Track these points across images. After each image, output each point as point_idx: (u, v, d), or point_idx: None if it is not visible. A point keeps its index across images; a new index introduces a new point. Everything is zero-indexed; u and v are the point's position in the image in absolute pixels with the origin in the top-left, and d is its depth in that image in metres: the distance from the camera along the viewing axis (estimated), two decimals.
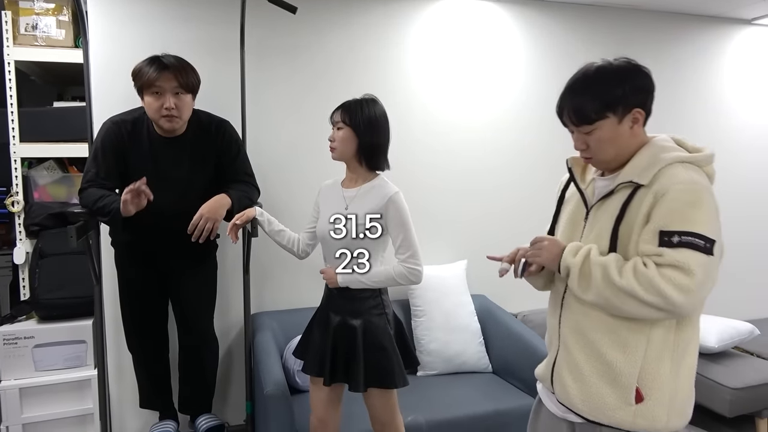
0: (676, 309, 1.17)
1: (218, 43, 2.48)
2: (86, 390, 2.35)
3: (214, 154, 2.15)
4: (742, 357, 2.76)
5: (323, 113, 2.63)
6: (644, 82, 1.28)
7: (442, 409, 2.23)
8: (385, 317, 1.83)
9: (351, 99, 1.83)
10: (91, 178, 2.03)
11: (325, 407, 1.88)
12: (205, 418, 2.36)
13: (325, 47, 2.66)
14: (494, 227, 2.95)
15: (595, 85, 1.26)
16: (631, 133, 1.27)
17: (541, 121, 2.95)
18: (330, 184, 1.96)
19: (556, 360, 1.40)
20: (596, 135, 1.28)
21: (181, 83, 1.99)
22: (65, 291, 2.35)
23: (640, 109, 1.26)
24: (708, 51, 3.32)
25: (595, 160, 1.33)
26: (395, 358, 1.80)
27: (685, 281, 1.15)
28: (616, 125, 1.26)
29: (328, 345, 1.82)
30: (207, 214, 1.99)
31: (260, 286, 2.66)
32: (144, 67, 1.96)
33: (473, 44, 2.88)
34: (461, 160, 2.91)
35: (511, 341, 2.54)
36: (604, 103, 1.25)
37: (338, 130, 1.82)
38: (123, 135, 2.05)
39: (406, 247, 1.78)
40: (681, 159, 1.24)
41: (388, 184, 1.83)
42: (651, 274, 1.16)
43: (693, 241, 1.16)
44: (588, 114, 1.26)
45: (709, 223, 1.18)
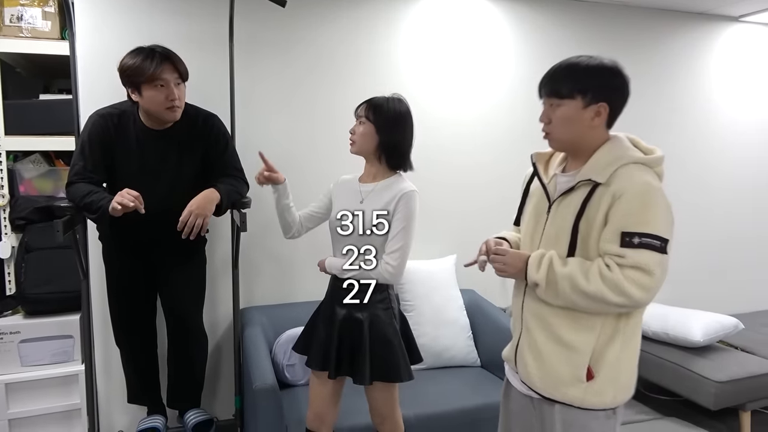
0: (638, 305, 1.34)
1: (207, 37, 2.50)
2: (73, 385, 2.37)
3: (201, 147, 2.17)
4: (727, 351, 2.83)
5: (314, 108, 2.73)
6: (620, 85, 1.40)
7: (430, 403, 2.28)
8: (392, 311, 1.86)
9: (379, 95, 1.86)
10: (78, 171, 2.05)
11: (325, 402, 1.91)
12: (193, 413, 2.38)
13: (316, 41, 2.69)
14: (484, 222, 2.95)
15: (578, 70, 1.40)
16: (591, 123, 1.39)
17: (531, 117, 2.86)
18: (347, 179, 1.98)
19: (519, 342, 1.53)
20: (560, 112, 1.41)
21: (181, 73, 2.03)
22: (52, 286, 2.36)
23: (606, 105, 1.38)
24: (695, 48, 3.40)
25: (552, 136, 1.46)
26: (401, 352, 1.83)
27: (646, 281, 1.29)
28: (580, 109, 1.38)
29: (334, 338, 1.84)
30: (196, 210, 2.01)
31: (249, 280, 2.69)
32: (141, 61, 1.95)
33: (464, 39, 2.94)
34: (450, 154, 2.95)
35: (499, 335, 2.59)
36: (577, 85, 1.38)
37: (360, 124, 1.84)
38: (110, 128, 2.07)
39: (397, 240, 1.78)
40: (635, 160, 1.37)
41: (406, 181, 1.85)
42: (616, 277, 1.29)
43: (651, 243, 1.29)
44: (560, 89, 1.40)
45: (662, 224, 1.30)
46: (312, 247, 2.32)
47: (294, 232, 2.04)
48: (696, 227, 3.47)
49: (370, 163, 1.89)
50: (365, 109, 1.84)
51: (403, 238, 1.79)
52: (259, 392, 1.96)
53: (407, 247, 1.80)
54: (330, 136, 2.72)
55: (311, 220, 2.04)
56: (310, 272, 2.69)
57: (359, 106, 1.87)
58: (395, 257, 1.78)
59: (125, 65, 1.98)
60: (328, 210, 1.99)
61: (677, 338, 2.83)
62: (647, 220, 1.29)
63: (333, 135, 2.69)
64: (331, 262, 1.88)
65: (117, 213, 1.91)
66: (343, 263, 1.82)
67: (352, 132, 1.86)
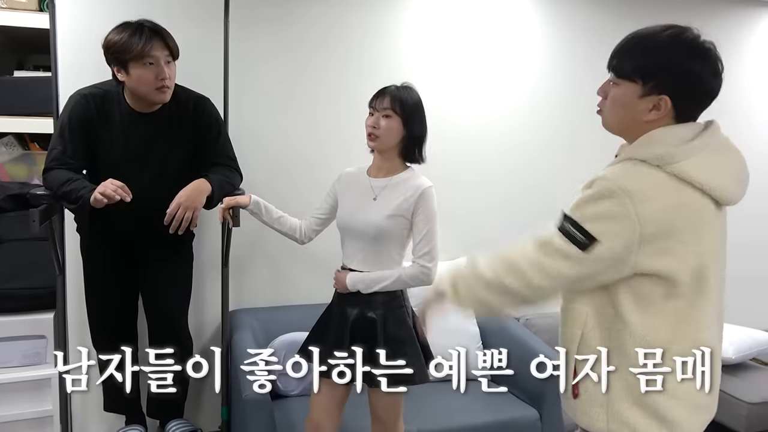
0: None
1: (199, 11, 2.43)
2: (45, 390, 2.32)
3: (192, 133, 2.12)
4: (761, 369, 2.81)
5: (317, 93, 2.66)
6: (700, 76, 1.20)
7: (436, 418, 2.23)
8: (405, 310, 1.88)
9: (392, 85, 1.85)
10: (56, 156, 2.00)
11: (327, 410, 1.88)
12: (176, 423, 2.33)
13: (320, 18, 2.61)
14: (493, 223, 2.93)
15: (652, 48, 1.22)
16: (645, 117, 1.22)
17: (544, 118, 2.96)
18: (353, 172, 1.98)
19: None
20: (615, 91, 1.26)
21: (172, 50, 1.99)
22: (24, 281, 2.32)
23: (668, 99, 1.20)
24: (732, 36, 3.25)
25: (603, 114, 1.32)
26: (416, 351, 1.84)
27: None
28: (636, 97, 1.22)
29: (346, 340, 1.81)
30: (185, 203, 1.97)
31: (240, 281, 2.64)
32: (128, 37, 1.91)
33: (482, 22, 2.84)
34: (458, 155, 2.88)
35: (512, 347, 2.50)
36: (641, 66, 1.21)
37: (386, 118, 1.82)
38: (92, 110, 2.03)
39: (426, 243, 1.81)
40: (637, 156, 1.22)
41: (421, 176, 1.87)
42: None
43: (572, 233, 1.19)
44: (623, 66, 1.24)
45: (601, 225, 1.17)
46: (309, 244, 2.25)
47: (300, 238, 2.04)
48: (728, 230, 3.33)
49: (386, 157, 1.89)
50: (391, 102, 1.82)
51: (432, 238, 1.83)
52: (249, 403, 1.93)
53: (437, 247, 1.84)
54: (335, 124, 2.66)
55: (318, 224, 2.04)
56: (306, 273, 2.64)
57: (378, 98, 1.85)
58: (428, 259, 1.82)
59: (111, 41, 1.93)
60: (334, 210, 1.98)
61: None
62: (587, 214, 1.19)
63: (338, 123, 2.64)
64: (355, 279, 1.86)
65: (99, 204, 1.88)
66: (369, 278, 1.83)
67: (375, 126, 1.83)
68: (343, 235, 1.93)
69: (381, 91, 1.86)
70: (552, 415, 2.30)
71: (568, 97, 2.93)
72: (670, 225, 1.16)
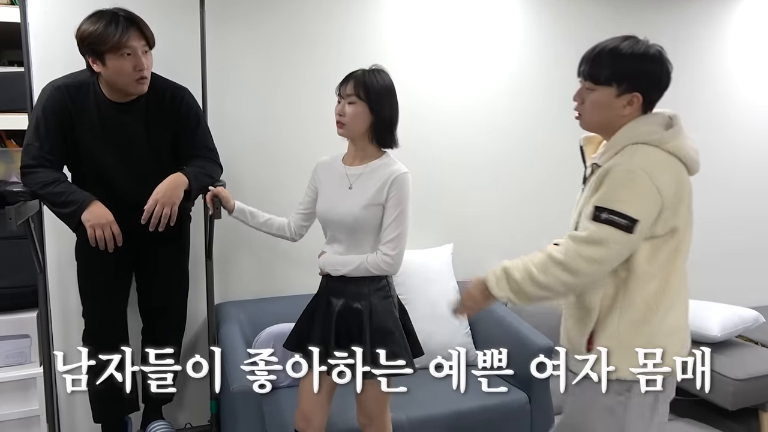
0: (589, 278, 1.47)
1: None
2: (31, 390, 2.33)
3: (171, 124, 2.12)
4: (747, 346, 2.83)
5: (298, 82, 2.66)
6: (659, 76, 1.50)
7: (424, 405, 2.25)
8: (391, 300, 1.87)
9: (359, 69, 1.83)
10: (35, 155, 1.97)
11: (315, 401, 1.88)
12: (158, 424, 2.35)
13: (302, 5, 2.61)
14: (480, 208, 2.98)
15: (621, 57, 1.48)
16: (623, 112, 1.49)
17: (530, 103, 3.01)
18: (328, 161, 1.96)
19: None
20: (593, 96, 1.52)
21: (148, 39, 1.97)
22: (5, 280, 2.31)
23: (639, 95, 1.48)
24: (714, 14, 3.31)
25: (582, 118, 1.57)
26: (402, 342, 1.84)
27: (597, 253, 1.42)
28: (613, 97, 1.49)
29: (331, 331, 1.83)
30: (162, 199, 1.97)
31: (225, 273, 2.65)
32: (103, 27, 1.88)
33: (463, 7, 2.87)
34: (446, 139, 2.91)
35: (500, 332, 2.57)
36: (617, 73, 1.47)
37: (350, 104, 1.80)
38: (67, 101, 2.00)
39: (392, 229, 1.80)
40: (634, 141, 1.47)
41: (397, 163, 1.85)
42: (564, 258, 1.44)
43: (615, 220, 1.40)
44: (599, 74, 1.49)
45: (636, 205, 1.41)
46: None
47: (291, 237, 2.05)
48: (712, 209, 3.35)
49: (357, 144, 1.87)
50: (354, 87, 1.79)
51: (399, 225, 1.80)
52: (237, 395, 1.93)
53: (404, 235, 1.82)
54: (316, 114, 2.61)
55: (303, 219, 2.03)
56: (293, 264, 2.67)
57: (343, 84, 1.83)
58: (392, 246, 1.80)
59: (85, 32, 1.89)
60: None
61: (692, 332, 2.75)
62: (621, 199, 1.41)
63: (319, 113, 2.54)
64: (325, 260, 1.89)
65: (90, 239, 1.93)
66: (336, 260, 1.84)
67: (341, 114, 1.82)
68: (323, 225, 1.94)
69: (347, 76, 1.83)
70: (541, 397, 2.34)
71: (549, 81, 2.97)
72: (678, 190, 1.45)
